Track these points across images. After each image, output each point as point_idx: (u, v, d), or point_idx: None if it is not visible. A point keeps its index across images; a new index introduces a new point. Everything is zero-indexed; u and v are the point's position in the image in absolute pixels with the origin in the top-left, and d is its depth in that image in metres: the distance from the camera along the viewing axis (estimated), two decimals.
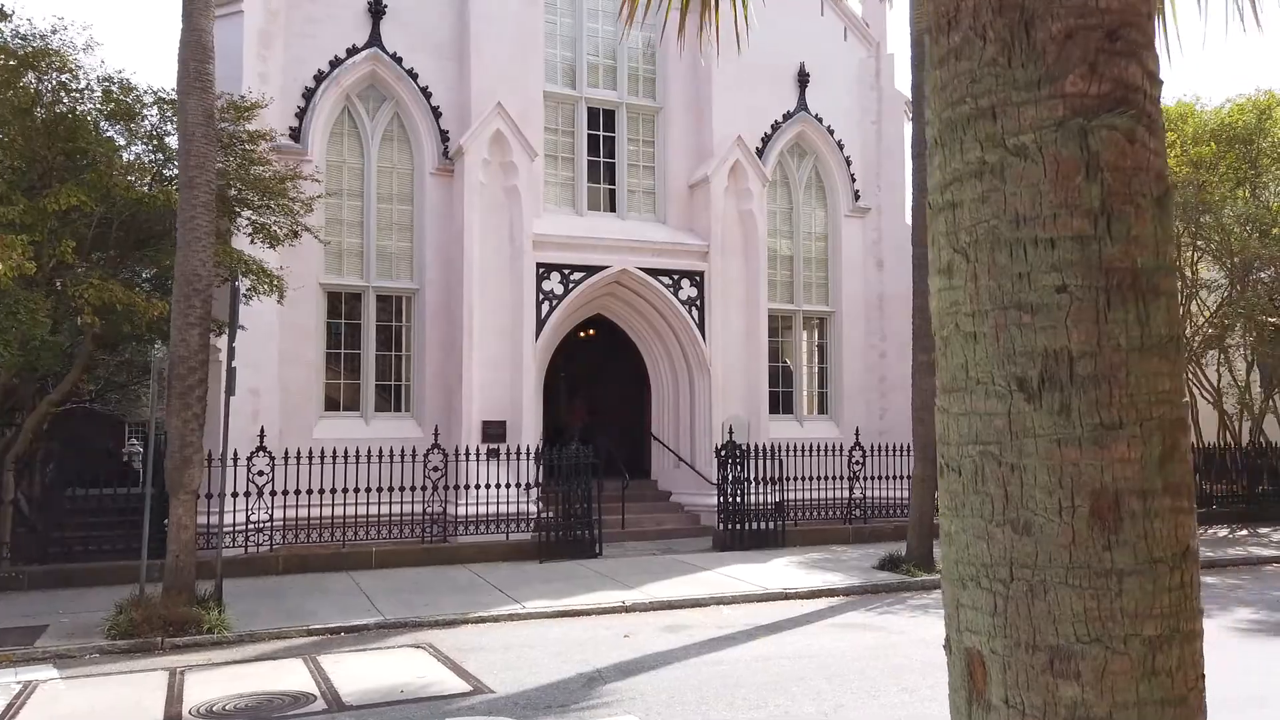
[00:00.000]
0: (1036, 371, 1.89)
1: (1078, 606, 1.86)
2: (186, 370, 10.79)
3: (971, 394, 1.99)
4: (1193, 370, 22.26)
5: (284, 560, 14.28)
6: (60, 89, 12.45)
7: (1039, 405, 1.89)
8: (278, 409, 16.10)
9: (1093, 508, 1.86)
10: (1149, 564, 1.86)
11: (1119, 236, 1.87)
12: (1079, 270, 1.87)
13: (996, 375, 1.94)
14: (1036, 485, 1.90)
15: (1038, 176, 1.91)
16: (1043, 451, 1.89)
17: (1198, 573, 1.96)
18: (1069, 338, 1.87)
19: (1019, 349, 1.91)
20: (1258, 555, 16.37)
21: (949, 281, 2.05)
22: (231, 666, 9.35)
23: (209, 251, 10.98)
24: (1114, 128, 1.88)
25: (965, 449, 2.00)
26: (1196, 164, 19.44)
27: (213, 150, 11.14)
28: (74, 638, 10.29)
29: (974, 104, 1.98)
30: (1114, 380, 1.86)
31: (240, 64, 15.97)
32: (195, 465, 10.87)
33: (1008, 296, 1.93)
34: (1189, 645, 1.91)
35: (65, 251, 11.67)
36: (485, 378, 17.07)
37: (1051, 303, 1.89)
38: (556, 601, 12.09)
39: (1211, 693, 2.04)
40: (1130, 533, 1.86)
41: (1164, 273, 1.91)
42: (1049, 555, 1.88)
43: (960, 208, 2.02)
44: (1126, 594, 1.85)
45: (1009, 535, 1.93)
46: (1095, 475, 1.86)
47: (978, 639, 1.97)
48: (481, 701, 7.97)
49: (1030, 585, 1.90)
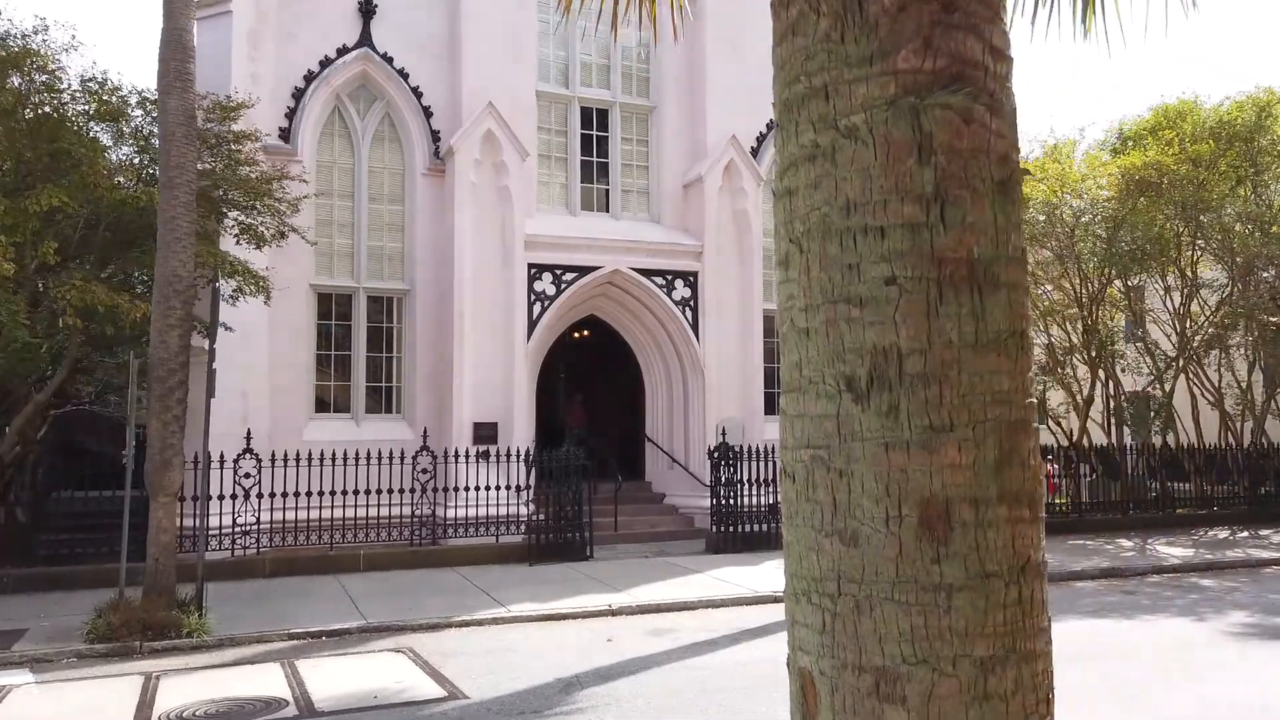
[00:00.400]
0: (865, 370, 1.76)
1: (904, 624, 1.72)
2: (166, 372, 10.69)
3: (804, 394, 1.86)
4: (1194, 370, 22.06)
5: (271, 563, 14.18)
6: (44, 89, 12.36)
7: (867, 406, 1.76)
8: (268, 411, 16.01)
9: (921, 517, 1.72)
10: (980, 578, 1.72)
11: (953, 224, 1.73)
12: (909, 261, 1.73)
13: (827, 374, 1.81)
14: (864, 493, 1.76)
15: (868, 160, 1.77)
16: (870, 456, 1.75)
17: (1042, 588, 1.82)
18: (898, 333, 1.74)
19: (848, 346, 1.78)
20: (1257, 557, 16.18)
21: (786, 274, 1.92)
22: (208, 671, 9.25)
23: (189, 252, 10.89)
24: (948, 106, 1.74)
25: (799, 453, 1.87)
26: (1195, 162, 19.24)
27: (193, 150, 11.04)
28: (53, 642, 10.20)
29: (808, 83, 1.85)
30: (945, 379, 1.72)
31: (229, 64, 15.89)
32: (175, 468, 10.78)
33: (838, 290, 1.80)
34: (1028, 667, 1.76)
35: (47, 253, 11.59)
36: (476, 379, 16.97)
37: (880, 296, 1.75)
38: (543, 605, 11.97)
39: (1195, 699, 1.89)
40: (961, 544, 1.72)
41: (1005, 263, 1.76)
42: (875, 569, 1.75)
43: (796, 195, 1.89)
44: (956, 611, 1.71)
45: (837, 547, 1.79)
46: (924, 482, 1.72)
47: (809, 659, 1.85)
48: (454, 708, 7.85)
49: (857, 601, 1.76)
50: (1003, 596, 1.72)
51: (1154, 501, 20.99)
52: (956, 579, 1.71)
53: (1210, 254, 21.20)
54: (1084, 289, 20.83)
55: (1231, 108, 20.37)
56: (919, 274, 1.73)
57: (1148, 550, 17.01)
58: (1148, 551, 16.87)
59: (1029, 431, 1.79)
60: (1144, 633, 10.66)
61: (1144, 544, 17.70)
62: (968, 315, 1.73)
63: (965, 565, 1.71)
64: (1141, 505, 20.78)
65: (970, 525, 1.71)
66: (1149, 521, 20.20)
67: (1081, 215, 20.37)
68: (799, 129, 1.88)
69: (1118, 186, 19.57)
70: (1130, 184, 19.21)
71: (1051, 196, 20.00)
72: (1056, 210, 20.06)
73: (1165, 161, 18.91)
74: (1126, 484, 20.78)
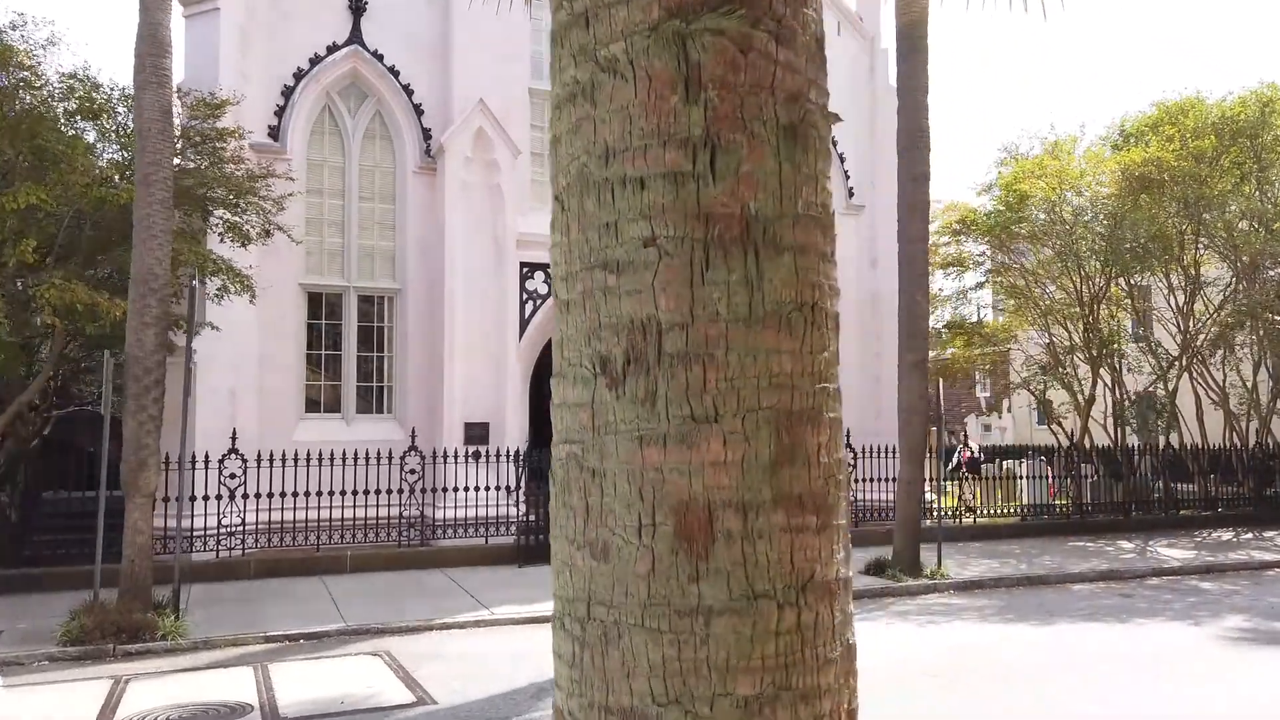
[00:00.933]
0: (621, 349, 1.47)
1: (654, 656, 1.41)
2: (142, 371, 10.57)
3: (564, 380, 1.58)
4: (1198, 370, 21.75)
5: (255, 565, 14.04)
6: (22, 86, 12.24)
7: (622, 393, 1.47)
8: (257, 411, 15.87)
9: (677, 526, 1.42)
10: (747, 600, 1.41)
11: (724, 174, 1.45)
12: (671, 218, 1.44)
13: (584, 355, 1.52)
14: (616, 497, 1.47)
15: (628, 98, 1.48)
16: (623, 452, 1.46)
17: (834, 609, 1.50)
18: (656, 305, 1.45)
19: (604, 321, 1.49)
20: (1259, 560, 15.90)
21: (554, 238, 1.65)
22: (179, 675, 9.11)
23: (166, 250, 10.76)
24: (720, 32, 1.43)
25: (559, 450, 1.59)
26: (1197, 158, 18.93)
27: (170, 146, 10.92)
28: (26, 644, 10.07)
29: (569, 8, 1.55)
30: (709, 360, 1.43)
31: (218, 61, 15.77)
32: (151, 468, 10.65)
33: (595, 254, 1.51)
34: (808, 707, 1.45)
35: (25, 252, 11.46)
36: (468, 378, 16.81)
37: (638, 260, 1.46)
38: (526, 607, 11.80)
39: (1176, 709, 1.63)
40: (724, 559, 1.41)
41: (792, 222, 1.48)
42: (625, 588, 1.45)
43: (560, 143, 1.61)
44: (715, 640, 1.40)
45: (588, 562, 1.50)
46: (682, 484, 1.42)
47: (561, 696, 1.56)
48: (422, 714, 7.69)
49: (605, 628, 1.46)
50: (774, 622, 1.42)
51: (1157, 503, 20.69)
52: (717, 601, 1.41)
53: (1215, 252, 20.88)
54: (1085, 287, 20.54)
55: (1235, 103, 20.05)
56: (682, 233, 1.44)
57: (1148, 552, 16.74)
58: (1148, 553, 16.60)
59: (820, 422, 1.51)
60: (1133, 638, 10.42)
61: (1145, 546, 17.43)
62: (739, 283, 1.44)
63: (729, 584, 1.42)
64: (1145, 507, 20.49)
65: (736, 535, 1.42)
66: (1152, 523, 19.91)
67: (1081, 213, 20.09)
68: (562, 64, 1.60)
69: (1118, 183, 19.28)
70: (1130, 181, 18.92)
71: (1051, 194, 19.73)
72: (1056, 208, 19.79)
73: (1166, 158, 18.61)
74: (1129, 485, 20.48)
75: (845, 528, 1.56)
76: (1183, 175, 18.68)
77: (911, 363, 14.35)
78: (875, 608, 12.25)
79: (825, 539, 1.48)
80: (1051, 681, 8.60)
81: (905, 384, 14.37)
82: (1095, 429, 21.28)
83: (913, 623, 11.31)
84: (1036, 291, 21.80)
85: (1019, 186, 20.37)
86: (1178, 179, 18.74)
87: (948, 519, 17.94)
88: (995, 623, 11.24)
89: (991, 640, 10.38)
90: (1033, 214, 20.54)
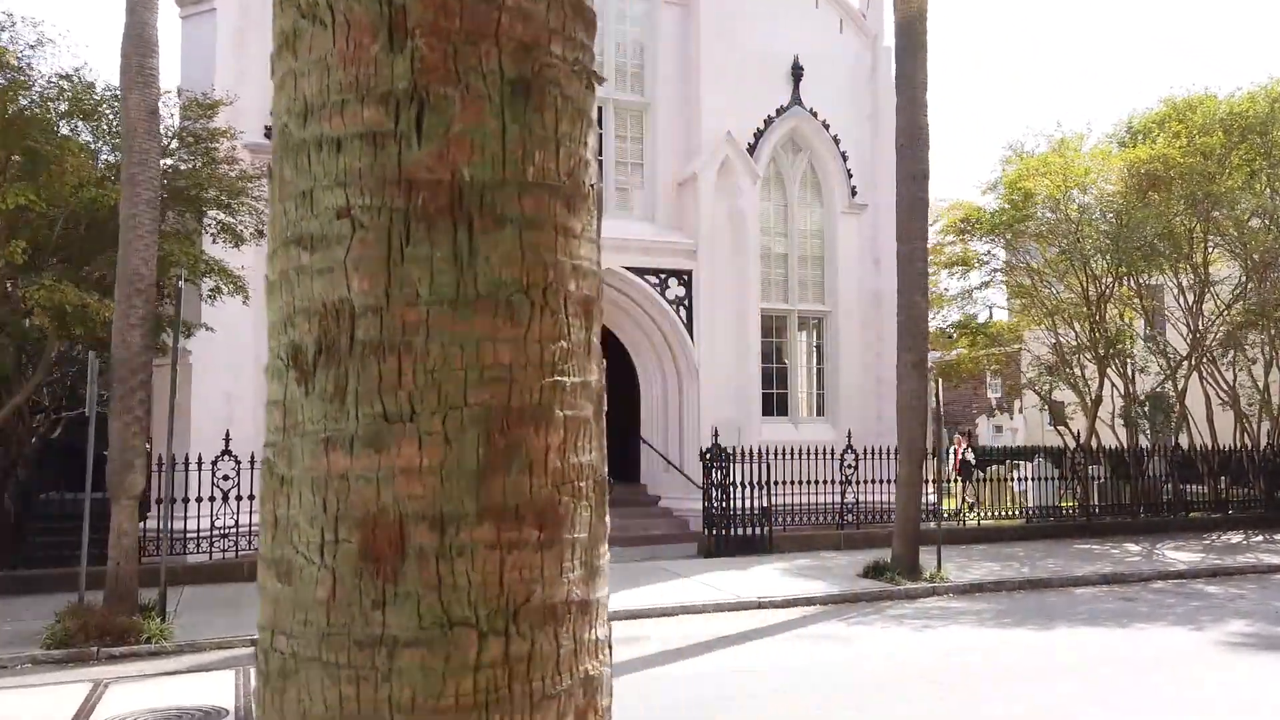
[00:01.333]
0: (313, 337, 1.31)
1: (331, 695, 1.26)
2: (128, 372, 10.50)
3: (268, 373, 1.43)
4: (1208, 370, 21.45)
5: (250, 567, 13.91)
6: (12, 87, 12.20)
7: (311, 388, 1.31)
8: (254, 413, 15.79)
9: (362, 543, 1.25)
10: (440, 629, 1.24)
11: (432, 134, 1.27)
12: (368, 184, 1.28)
13: (281, 344, 1.37)
14: (301, 508, 1.31)
15: (326, 47, 1.35)
16: (308, 457, 1.30)
17: (556, 638, 1.30)
18: (349, 285, 1.28)
19: (298, 305, 1.34)
20: (1267, 563, 15.61)
21: (269, 214, 1.52)
22: (160, 679, 9.04)
23: (152, 250, 10.69)
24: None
25: (263, 455, 1.44)
26: (1205, 155, 18.65)
27: (156, 146, 10.86)
28: (10, 647, 10.01)
29: None
30: (407, 349, 1.26)
31: (214, 61, 15.72)
32: (137, 470, 10.58)
33: (291, 227, 1.36)
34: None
35: (15, 253, 11.42)
36: None
37: (331, 234, 1.30)
38: None
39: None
40: (414, 581, 1.24)
41: (518, 192, 1.30)
42: (305, 615, 1.29)
43: (278, 105, 1.49)
44: (400, 676, 1.23)
45: (274, 585, 1.35)
46: (369, 493, 1.26)
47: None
48: None
49: (284, 661, 1.31)
50: (474, 655, 1.24)
51: (1166, 504, 20.39)
52: (404, 630, 1.23)
53: (1224, 250, 20.57)
54: (1091, 286, 20.27)
55: (1244, 99, 19.75)
56: (380, 203, 1.27)
57: (1155, 555, 16.48)
58: (1155, 556, 16.34)
59: (551, 421, 1.30)
60: (1134, 642, 10.21)
61: (1152, 549, 17.16)
62: (445, 260, 1.26)
63: (419, 610, 1.24)
64: (1153, 508, 20.20)
65: (431, 554, 1.24)
66: (1161, 525, 19.61)
67: (1087, 211, 19.83)
68: (277, 15, 1.47)
69: (1124, 181, 19.02)
70: (1137, 178, 18.66)
71: (1055, 191, 19.48)
72: (1061, 205, 19.54)
73: (1173, 155, 18.34)
74: (1137, 487, 20.20)
75: (596, 540, 1.37)
76: (1191, 172, 18.40)
77: (911, 363, 14.16)
78: (872, 611, 12.07)
79: (552, 556, 1.29)
80: (1050, 685, 8.42)
81: (905, 384, 14.19)
82: (1103, 430, 21.00)
83: (909, 626, 11.12)
84: (1043, 291, 21.55)
85: (1023, 184, 20.12)
86: (1185, 176, 18.46)
87: (950, 521, 17.73)
88: (994, 627, 11.04)
89: (990, 644, 10.19)
90: (1038, 212, 20.29)
